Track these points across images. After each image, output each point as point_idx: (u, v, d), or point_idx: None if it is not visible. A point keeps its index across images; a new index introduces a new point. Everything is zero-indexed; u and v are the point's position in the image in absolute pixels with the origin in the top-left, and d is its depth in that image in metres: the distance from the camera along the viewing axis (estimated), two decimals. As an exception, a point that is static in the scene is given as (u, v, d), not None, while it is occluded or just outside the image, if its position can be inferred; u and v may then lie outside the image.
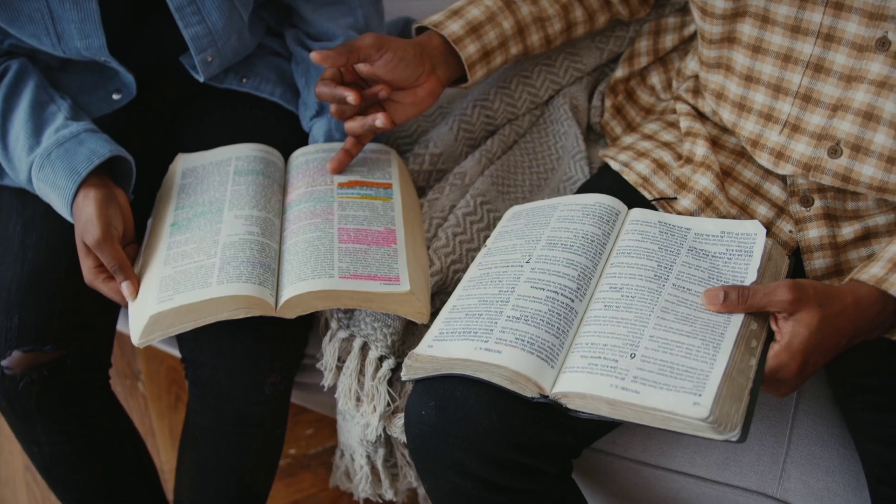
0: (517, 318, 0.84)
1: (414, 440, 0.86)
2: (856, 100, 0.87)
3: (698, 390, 0.73)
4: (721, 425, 0.72)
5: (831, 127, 0.89)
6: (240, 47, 1.11)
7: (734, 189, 1.00)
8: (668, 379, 0.75)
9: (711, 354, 0.76)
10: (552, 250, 0.90)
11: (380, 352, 0.99)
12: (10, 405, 1.01)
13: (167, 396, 1.64)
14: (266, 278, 0.94)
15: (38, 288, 1.00)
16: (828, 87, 0.89)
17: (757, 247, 0.85)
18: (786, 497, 0.93)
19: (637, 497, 1.03)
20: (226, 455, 1.08)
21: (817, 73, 0.89)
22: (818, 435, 0.95)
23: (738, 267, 0.84)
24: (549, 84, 1.25)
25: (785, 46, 0.90)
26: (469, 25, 1.05)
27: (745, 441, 0.74)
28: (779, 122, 0.93)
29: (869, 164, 0.88)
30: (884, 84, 0.85)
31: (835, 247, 0.95)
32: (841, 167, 0.89)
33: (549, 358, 0.81)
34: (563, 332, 0.83)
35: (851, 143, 0.88)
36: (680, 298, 0.82)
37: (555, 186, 1.18)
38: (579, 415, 0.78)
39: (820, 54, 0.88)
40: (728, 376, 0.74)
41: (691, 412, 0.72)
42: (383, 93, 1.00)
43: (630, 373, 0.76)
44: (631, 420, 0.76)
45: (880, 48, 0.84)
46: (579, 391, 0.77)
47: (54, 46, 1.01)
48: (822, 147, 0.90)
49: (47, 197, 1.00)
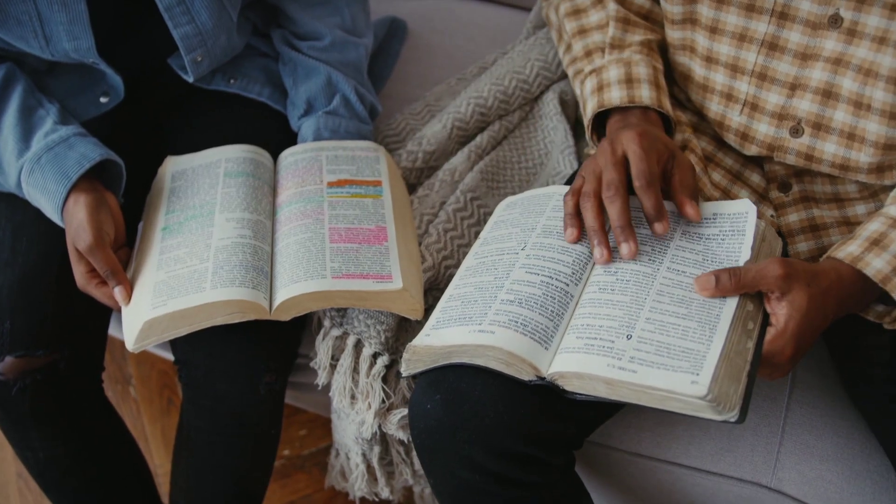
0: (511, 300, 0.84)
1: (420, 435, 0.86)
2: (813, 78, 0.88)
3: (696, 370, 0.74)
4: (720, 405, 0.72)
5: (791, 106, 0.90)
6: (229, 47, 1.11)
7: (717, 174, 1.01)
8: (665, 359, 0.75)
9: (708, 336, 0.76)
10: (547, 238, 0.90)
11: (374, 349, 0.99)
12: (3, 410, 1.01)
13: (159, 400, 1.64)
14: (259, 282, 0.94)
15: (29, 293, 1.00)
16: (783, 66, 0.90)
17: (749, 225, 0.85)
18: (780, 486, 0.94)
19: (633, 489, 1.03)
20: (222, 457, 1.08)
21: (772, 52, 0.90)
22: (811, 424, 0.96)
23: (732, 247, 0.84)
24: (542, 79, 1.26)
25: (740, 26, 0.91)
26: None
27: (744, 422, 0.74)
28: (738, 102, 0.94)
29: (830, 141, 0.88)
30: (839, 61, 0.86)
31: (815, 229, 0.97)
32: (803, 146, 0.90)
33: (542, 340, 0.81)
34: (557, 315, 0.83)
35: (812, 122, 0.89)
36: (675, 281, 0.82)
37: (544, 181, 1.18)
38: (576, 397, 0.78)
39: (774, 32, 0.89)
40: (726, 357, 0.75)
41: (689, 390, 0.72)
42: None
43: (627, 353, 0.76)
44: (629, 400, 0.76)
45: (833, 25, 0.85)
46: (576, 370, 0.77)
47: (42, 49, 1.00)
48: (784, 127, 0.91)
49: (37, 202, 1.00)
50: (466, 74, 1.34)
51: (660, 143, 0.87)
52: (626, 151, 0.85)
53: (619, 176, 0.84)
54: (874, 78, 0.85)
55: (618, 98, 0.96)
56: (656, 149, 0.86)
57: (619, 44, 1.01)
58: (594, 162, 0.87)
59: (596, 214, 0.85)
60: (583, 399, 0.78)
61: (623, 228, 0.83)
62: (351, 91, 1.14)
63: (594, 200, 0.85)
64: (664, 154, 0.87)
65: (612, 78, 0.98)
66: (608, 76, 0.98)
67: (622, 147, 0.86)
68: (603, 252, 0.84)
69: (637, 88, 0.96)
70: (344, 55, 1.17)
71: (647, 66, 0.98)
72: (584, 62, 1.04)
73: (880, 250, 0.81)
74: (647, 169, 0.83)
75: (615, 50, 1.01)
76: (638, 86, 0.97)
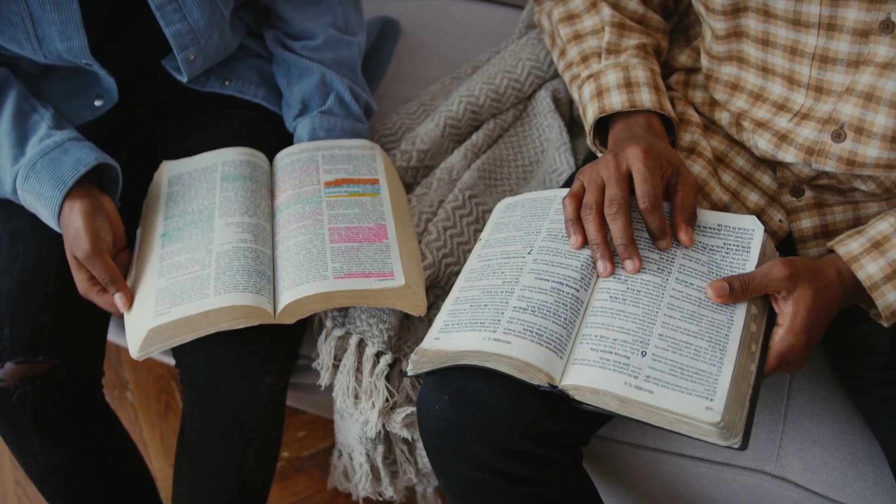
0: (524, 308, 0.84)
1: (429, 435, 0.86)
2: (860, 83, 0.87)
3: (710, 394, 0.75)
4: (728, 431, 0.73)
5: (835, 111, 0.89)
6: (222, 46, 1.11)
7: (727, 175, 1.00)
8: (679, 380, 0.76)
9: (719, 357, 0.77)
10: (554, 242, 0.90)
11: (377, 348, 0.99)
12: (3, 418, 1.00)
13: (157, 405, 1.63)
14: (263, 286, 0.94)
15: (27, 299, 0.99)
16: (837, 76, 0.88)
17: (755, 243, 0.85)
18: (784, 474, 0.95)
19: (638, 482, 1.04)
20: (224, 459, 1.08)
21: (824, 64, 0.89)
22: (812, 412, 0.97)
23: (736, 262, 0.84)
24: (534, 79, 1.26)
25: (790, 39, 0.89)
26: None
27: (746, 449, 0.75)
28: (790, 112, 0.93)
29: (873, 145, 0.87)
30: (888, 65, 0.85)
31: (828, 234, 0.97)
32: (846, 151, 0.89)
33: (557, 349, 0.81)
34: (569, 322, 0.83)
35: (854, 126, 0.88)
36: (684, 294, 0.83)
37: (541, 179, 1.18)
38: (583, 406, 0.79)
39: (824, 45, 0.87)
40: (735, 381, 0.76)
41: (704, 416, 0.73)
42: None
43: (643, 371, 0.77)
44: (638, 418, 0.77)
45: (885, 30, 0.84)
46: (593, 386, 0.77)
47: (35, 50, 1.00)
48: (826, 131, 0.90)
49: (33, 207, 0.99)
50: (461, 73, 1.34)
51: (664, 160, 0.87)
52: (630, 168, 0.86)
53: (622, 192, 0.85)
54: None
55: (619, 103, 0.96)
56: (661, 166, 0.86)
57: (615, 48, 1.01)
58: (595, 171, 0.87)
59: (598, 227, 0.85)
60: (591, 410, 0.79)
61: (626, 246, 0.84)
62: (345, 90, 1.14)
63: (597, 213, 0.85)
64: (668, 170, 0.87)
65: (612, 82, 0.98)
66: (607, 81, 0.98)
67: (627, 163, 0.86)
68: (606, 266, 0.85)
69: (637, 92, 0.97)
70: (337, 54, 1.17)
71: (645, 69, 0.98)
72: (581, 67, 1.04)
73: (878, 255, 0.82)
74: (651, 191, 0.84)
75: (612, 55, 1.01)
76: (638, 90, 0.97)
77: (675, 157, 0.89)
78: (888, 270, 0.81)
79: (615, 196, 0.84)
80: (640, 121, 0.96)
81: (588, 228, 0.86)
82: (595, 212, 0.85)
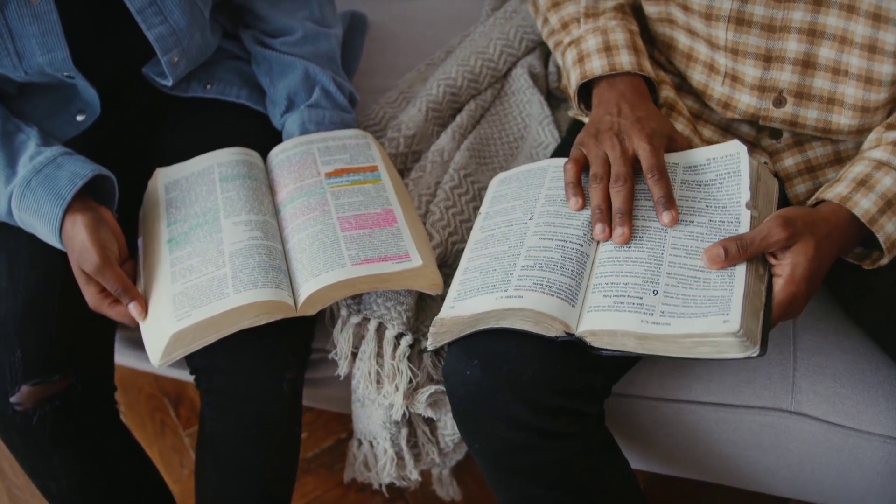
0: (531, 266, 0.87)
1: (461, 402, 0.88)
2: (789, 50, 0.92)
3: (725, 311, 0.77)
4: (747, 339, 0.76)
5: (770, 78, 0.94)
6: (203, 46, 1.10)
7: (707, 130, 1.04)
8: (693, 309, 0.79)
9: (728, 283, 0.80)
10: (553, 206, 0.93)
11: (397, 330, 1.00)
12: (23, 442, 0.98)
13: (151, 424, 1.60)
14: (281, 280, 0.94)
15: (34, 319, 0.97)
16: (752, 39, 0.93)
17: (742, 164, 0.88)
18: (800, 408, 0.99)
19: (660, 434, 1.07)
20: (248, 458, 1.07)
21: (740, 27, 0.93)
22: (819, 346, 1.01)
23: (731, 189, 0.87)
24: (507, 57, 1.28)
25: (704, 4, 0.94)
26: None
27: (765, 355, 0.78)
28: (719, 73, 0.98)
29: (812, 108, 0.93)
30: (813, 32, 0.90)
31: (811, 170, 1.01)
32: (787, 114, 0.95)
33: (569, 298, 0.84)
34: (577, 273, 0.86)
35: (794, 91, 0.94)
36: (686, 232, 0.86)
37: (528, 153, 1.21)
38: (602, 353, 0.82)
39: (739, 7, 0.92)
40: (747, 296, 0.79)
41: (723, 328, 0.76)
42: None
43: (657, 308, 0.80)
44: (657, 352, 0.79)
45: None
46: (609, 328, 0.80)
47: (15, 67, 0.98)
48: (767, 98, 0.96)
49: (32, 227, 0.97)
50: (435, 59, 1.36)
51: (660, 133, 0.92)
52: (636, 150, 0.90)
53: (627, 170, 0.89)
54: (850, 45, 0.89)
55: (599, 67, 0.99)
56: (662, 144, 0.91)
57: (593, 12, 1.04)
58: (599, 147, 0.91)
59: (604, 197, 0.89)
60: (609, 354, 0.82)
61: (624, 215, 0.87)
62: (329, 82, 1.15)
63: (604, 184, 0.89)
64: (665, 141, 0.92)
65: (591, 48, 1.01)
66: (587, 46, 1.01)
67: (632, 146, 0.90)
68: (605, 229, 0.88)
69: (616, 55, 1.00)
70: (317, 47, 1.17)
71: (623, 30, 1.01)
72: (562, 34, 1.07)
73: (867, 191, 0.85)
74: (657, 163, 0.88)
75: (590, 19, 1.04)
76: (617, 52, 1.00)
77: (667, 128, 0.94)
78: (881, 203, 0.85)
79: (621, 173, 0.89)
80: (623, 80, 1.00)
81: (594, 195, 0.89)
82: (603, 183, 0.89)
